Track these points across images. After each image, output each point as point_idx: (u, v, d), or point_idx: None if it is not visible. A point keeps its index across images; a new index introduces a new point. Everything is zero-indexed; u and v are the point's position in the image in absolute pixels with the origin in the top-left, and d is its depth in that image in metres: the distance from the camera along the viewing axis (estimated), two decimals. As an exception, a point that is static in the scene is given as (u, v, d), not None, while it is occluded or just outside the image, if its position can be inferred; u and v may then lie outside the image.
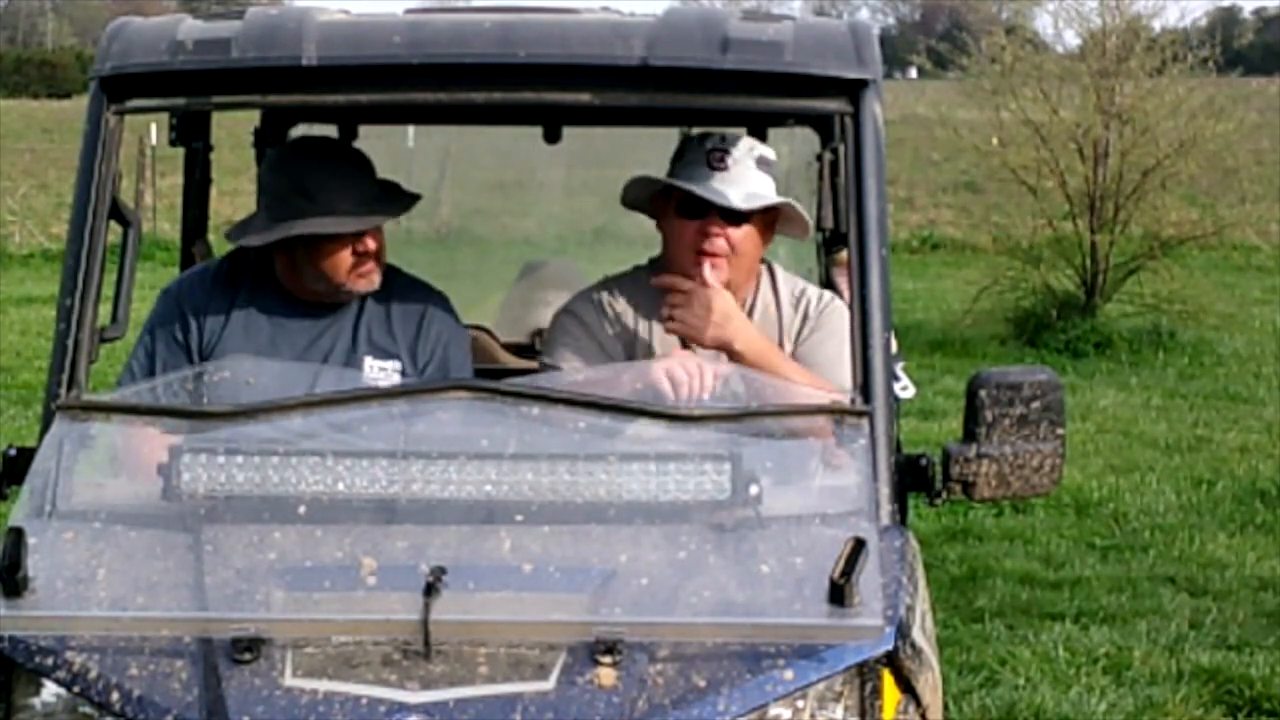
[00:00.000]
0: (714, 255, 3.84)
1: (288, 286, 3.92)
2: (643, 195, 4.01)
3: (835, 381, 3.68)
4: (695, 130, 4.07)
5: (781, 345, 3.92)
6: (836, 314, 3.95)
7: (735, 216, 3.83)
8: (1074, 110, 15.02)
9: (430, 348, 3.92)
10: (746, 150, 3.88)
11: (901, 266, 19.17)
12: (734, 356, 3.74)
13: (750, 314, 3.95)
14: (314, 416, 3.31)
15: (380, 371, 3.87)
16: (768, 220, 3.93)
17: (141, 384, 3.79)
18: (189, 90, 3.54)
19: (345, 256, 3.83)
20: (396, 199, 3.94)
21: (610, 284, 4.04)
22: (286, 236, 3.80)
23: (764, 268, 4.03)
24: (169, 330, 3.90)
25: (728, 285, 3.86)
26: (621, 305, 3.97)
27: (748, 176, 3.86)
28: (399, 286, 3.99)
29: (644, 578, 2.97)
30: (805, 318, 3.98)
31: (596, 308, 3.97)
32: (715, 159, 3.84)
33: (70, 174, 3.96)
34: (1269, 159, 18.93)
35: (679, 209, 3.86)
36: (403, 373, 3.88)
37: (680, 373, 3.59)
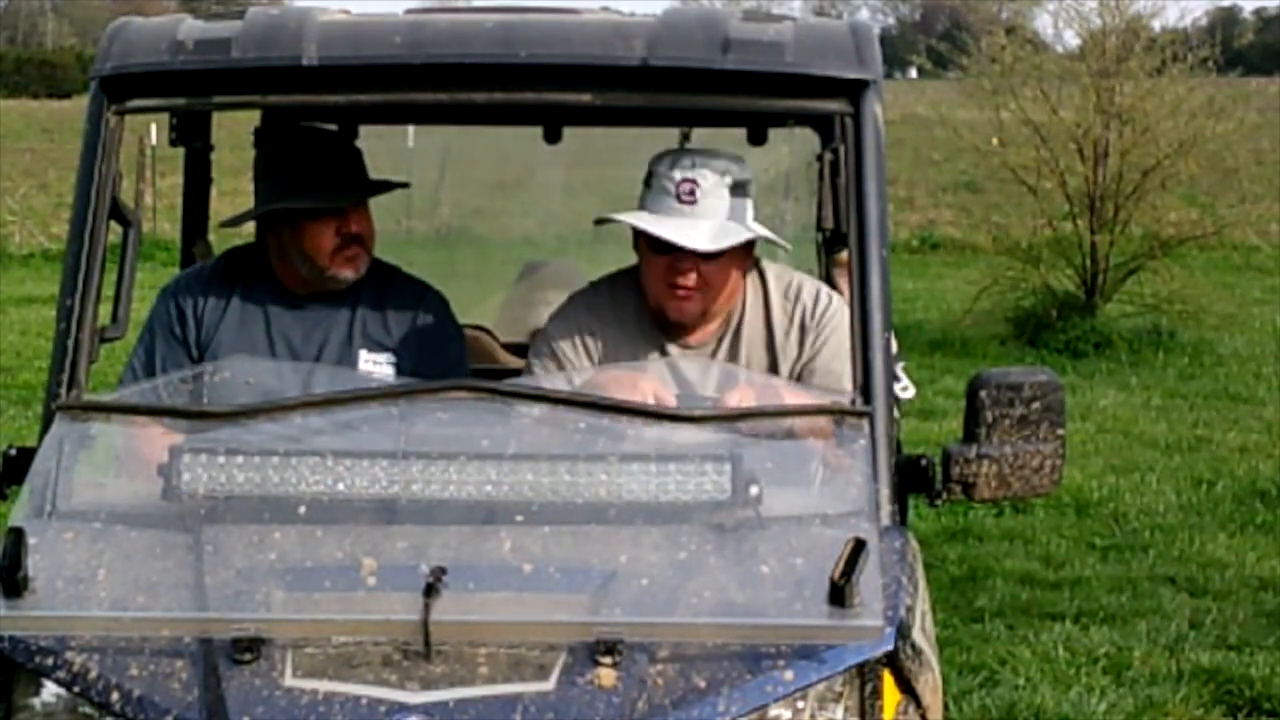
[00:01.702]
0: (685, 289, 3.75)
1: (281, 278, 3.96)
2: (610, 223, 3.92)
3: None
4: (663, 151, 3.87)
5: (775, 365, 3.84)
6: (837, 321, 3.83)
7: (700, 251, 3.71)
8: (1074, 110, 15.01)
9: (426, 344, 3.94)
10: (717, 180, 3.73)
11: (901, 266, 19.15)
12: None
13: (737, 334, 3.87)
14: (314, 416, 3.32)
15: (375, 365, 3.89)
16: (746, 245, 3.81)
17: (143, 383, 3.81)
18: (189, 90, 3.55)
19: (329, 237, 3.86)
20: (380, 182, 4.00)
21: (586, 298, 3.96)
22: (270, 211, 3.88)
23: (755, 275, 3.92)
24: (167, 327, 3.93)
25: (703, 314, 3.81)
26: (589, 332, 3.87)
27: (718, 208, 3.72)
28: (396, 283, 4.02)
29: (644, 578, 2.97)
30: (803, 330, 3.87)
31: (570, 337, 3.88)
32: (684, 192, 3.70)
33: (70, 174, 3.96)
34: (1269, 159, 18.93)
35: (649, 244, 3.76)
36: (397, 367, 3.90)
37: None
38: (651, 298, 3.83)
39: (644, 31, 3.45)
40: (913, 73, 28.61)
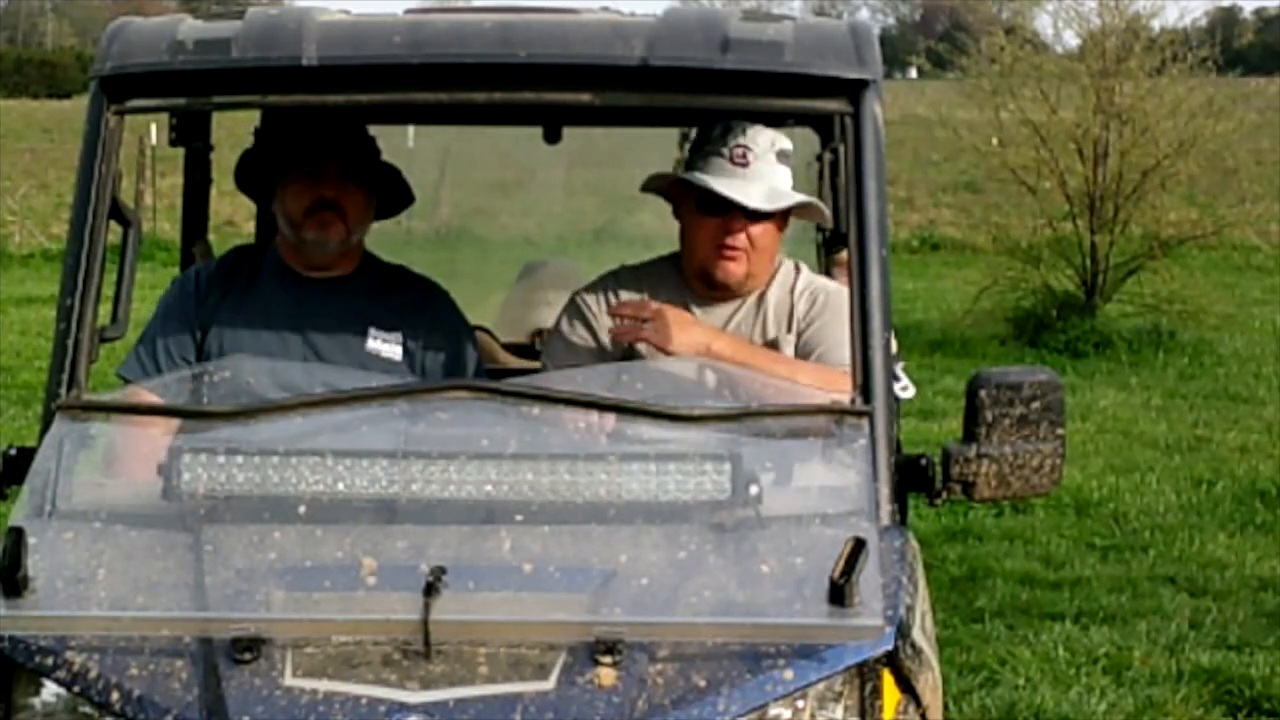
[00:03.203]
0: (734, 250, 3.86)
1: (283, 255, 4.00)
2: (663, 184, 4.02)
3: (837, 363, 3.68)
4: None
5: (790, 328, 3.93)
6: (839, 298, 3.93)
7: (756, 214, 3.85)
8: (1073, 110, 15.03)
9: (435, 336, 3.96)
10: (768, 145, 3.88)
11: (901, 266, 19.17)
12: (716, 358, 3.73)
13: (761, 302, 3.95)
14: (314, 416, 3.31)
15: (383, 343, 3.90)
16: (784, 212, 3.95)
17: (146, 365, 3.85)
18: (189, 90, 3.54)
19: (303, 196, 3.89)
20: (379, 164, 4.03)
21: (621, 274, 4.04)
22: (265, 173, 3.94)
23: (790, 264, 4.04)
24: (174, 310, 3.98)
25: (746, 278, 3.91)
26: (625, 294, 3.95)
27: (768, 172, 3.87)
28: (403, 279, 4.07)
29: (644, 578, 2.97)
30: (811, 304, 3.98)
31: (599, 300, 3.97)
32: (738, 155, 3.84)
33: (70, 174, 3.97)
34: (1269, 159, 18.94)
35: (700, 205, 3.87)
36: (405, 350, 3.90)
37: None
38: (698, 260, 3.91)
39: (644, 31, 3.45)
40: (913, 73, 28.64)
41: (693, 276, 3.95)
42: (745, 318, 3.94)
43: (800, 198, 3.90)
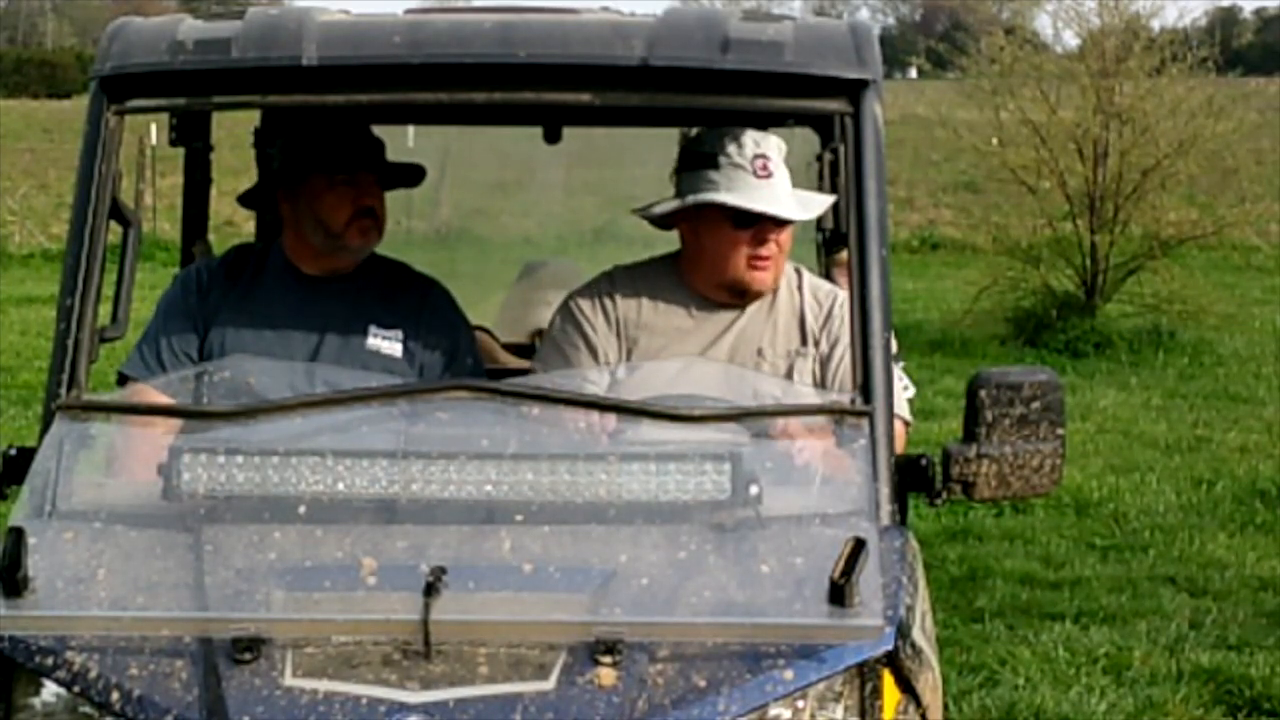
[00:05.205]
0: (766, 259, 3.84)
1: (291, 254, 4.00)
2: (671, 212, 3.93)
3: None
4: (715, 132, 3.92)
5: (805, 340, 3.90)
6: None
7: (783, 220, 3.82)
8: (1073, 110, 15.04)
9: (435, 334, 3.96)
10: (778, 153, 3.85)
11: (901, 266, 19.16)
12: None
13: (771, 308, 3.92)
14: (314, 416, 3.32)
15: (384, 341, 3.91)
16: None
17: (149, 363, 3.86)
18: (189, 90, 3.55)
19: (345, 205, 3.90)
20: (397, 164, 4.04)
21: (616, 276, 3.99)
22: (288, 177, 3.92)
23: (789, 266, 4.01)
24: (177, 306, 3.98)
25: (774, 280, 3.89)
26: (621, 298, 3.92)
27: (784, 178, 3.84)
28: (404, 276, 4.08)
29: (644, 578, 2.97)
30: (829, 315, 3.93)
31: (594, 303, 3.93)
32: (760, 168, 3.80)
33: (70, 174, 3.97)
34: (1269, 159, 18.94)
35: (734, 220, 3.82)
36: (405, 348, 3.91)
37: None
38: (729, 274, 3.86)
39: (644, 31, 3.45)
40: (913, 73, 28.66)
41: (717, 288, 3.89)
42: (752, 323, 3.90)
43: (828, 200, 3.82)
